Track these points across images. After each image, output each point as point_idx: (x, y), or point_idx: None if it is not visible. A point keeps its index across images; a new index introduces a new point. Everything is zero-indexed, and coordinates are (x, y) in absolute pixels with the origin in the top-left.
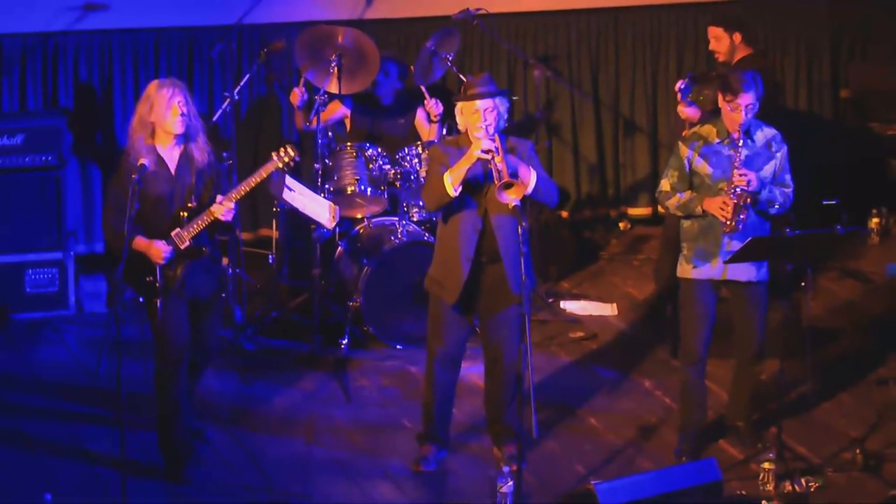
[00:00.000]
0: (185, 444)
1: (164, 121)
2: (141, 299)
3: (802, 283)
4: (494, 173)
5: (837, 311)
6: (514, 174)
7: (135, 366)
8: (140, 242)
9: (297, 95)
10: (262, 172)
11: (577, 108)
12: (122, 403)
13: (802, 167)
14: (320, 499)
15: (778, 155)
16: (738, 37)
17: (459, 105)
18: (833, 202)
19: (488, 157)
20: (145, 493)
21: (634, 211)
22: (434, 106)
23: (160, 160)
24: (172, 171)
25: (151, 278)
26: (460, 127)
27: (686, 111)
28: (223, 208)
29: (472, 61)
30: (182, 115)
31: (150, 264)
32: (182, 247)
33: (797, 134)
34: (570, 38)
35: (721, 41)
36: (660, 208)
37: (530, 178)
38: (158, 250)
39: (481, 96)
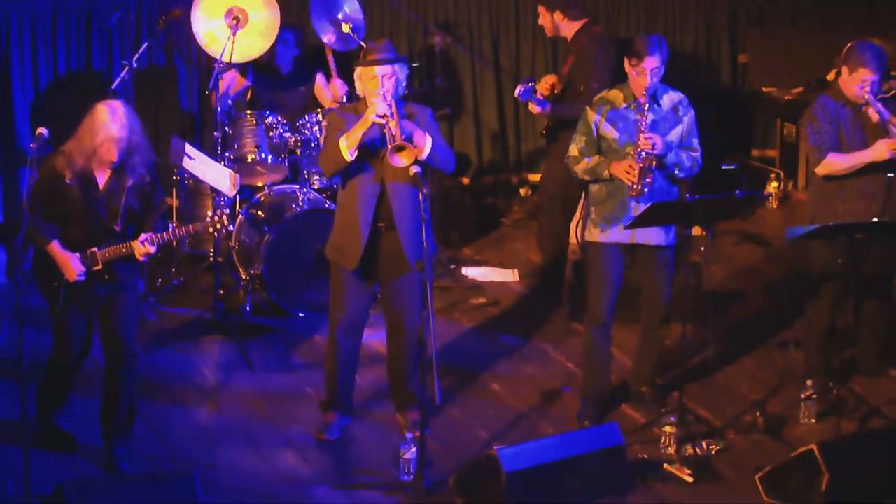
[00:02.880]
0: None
1: (103, 149)
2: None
3: (702, 248)
4: (388, 137)
5: (738, 275)
6: (408, 138)
7: (36, 335)
8: (56, 251)
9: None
10: (192, 228)
11: (478, 75)
12: (23, 374)
13: (701, 133)
14: (224, 467)
15: (685, 119)
16: (558, 15)
17: (358, 71)
18: (732, 167)
19: (383, 121)
20: (48, 465)
21: (535, 177)
22: (339, 87)
23: (90, 175)
24: (101, 187)
25: (58, 284)
26: (359, 92)
27: (536, 109)
28: (142, 250)
29: (371, 28)
30: (120, 147)
31: (59, 271)
32: (94, 268)
33: (696, 100)
34: (471, 5)
35: (545, 18)
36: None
37: (425, 143)
38: (73, 270)
39: (380, 62)
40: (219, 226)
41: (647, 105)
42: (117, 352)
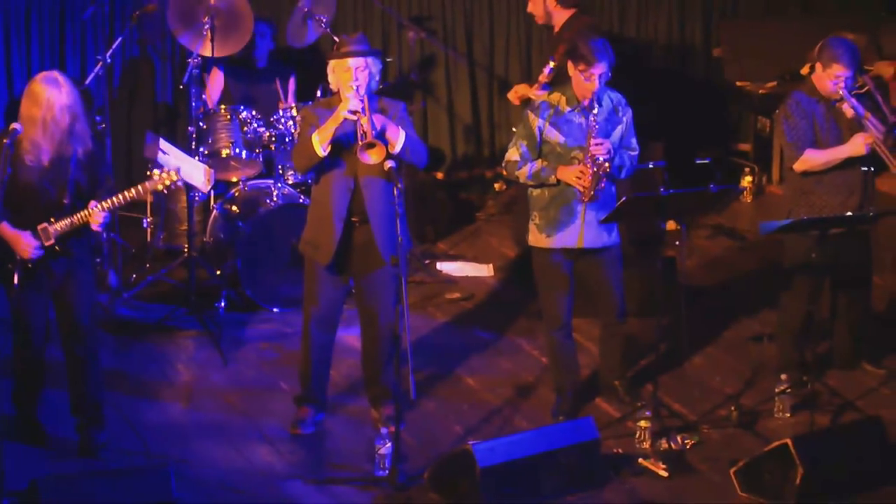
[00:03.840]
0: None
1: (57, 118)
2: None
3: (677, 242)
4: (359, 134)
5: (712, 268)
6: (380, 135)
7: (6, 331)
8: (6, 231)
9: None
10: (142, 189)
11: (452, 69)
12: None
13: (675, 127)
14: (198, 462)
15: (624, 119)
16: (551, 2)
17: (332, 63)
18: (706, 161)
19: (355, 117)
20: (23, 459)
21: None
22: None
23: (34, 149)
24: (46, 161)
25: (11, 266)
26: (332, 86)
27: (540, 94)
28: (96, 215)
29: (345, 23)
30: (72, 112)
31: (12, 252)
32: (47, 243)
33: (670, 93)
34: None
35: (536, 4)
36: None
37: (398, 138)
38: (27, 246)
39: (353, 55)
40: (167, 182)
41: (595, 109)
42: (75, 333)
